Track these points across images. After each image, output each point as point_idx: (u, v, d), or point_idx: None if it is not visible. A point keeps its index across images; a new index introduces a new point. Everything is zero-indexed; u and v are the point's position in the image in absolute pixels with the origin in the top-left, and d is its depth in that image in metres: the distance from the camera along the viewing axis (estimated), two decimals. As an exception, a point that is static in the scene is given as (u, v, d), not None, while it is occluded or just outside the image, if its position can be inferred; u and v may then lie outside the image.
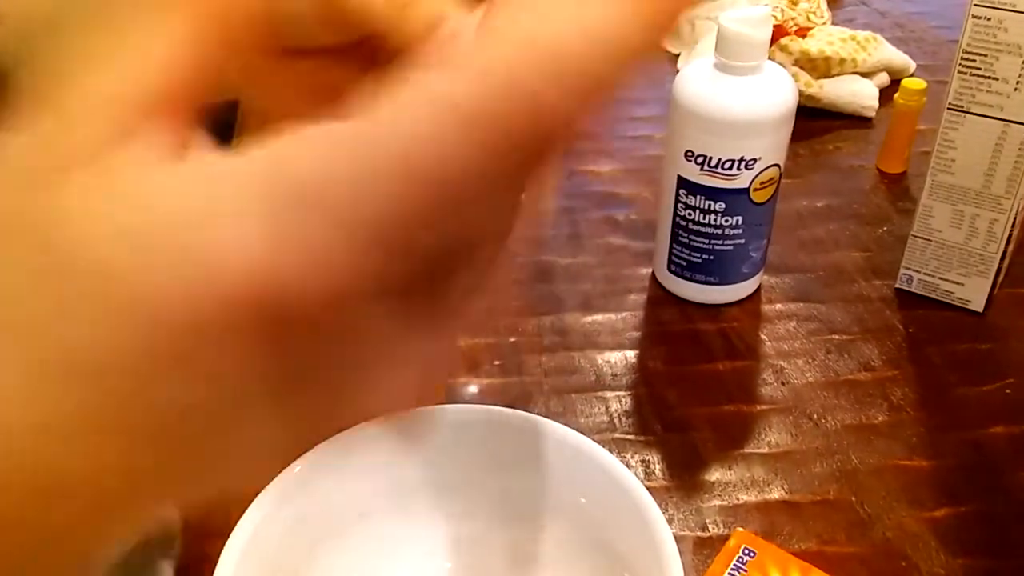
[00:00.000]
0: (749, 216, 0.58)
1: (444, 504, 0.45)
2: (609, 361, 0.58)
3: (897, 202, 0.73)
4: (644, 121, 0.85)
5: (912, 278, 0.63)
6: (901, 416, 0.54)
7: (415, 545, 0.44)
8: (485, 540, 0.44)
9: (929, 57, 0.94)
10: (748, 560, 0.42)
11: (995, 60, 0.53)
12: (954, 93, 0.55)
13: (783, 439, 0.52)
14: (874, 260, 0.67)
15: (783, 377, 0.57)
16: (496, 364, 0.57)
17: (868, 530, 0.47)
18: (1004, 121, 0.54)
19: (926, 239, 0.61)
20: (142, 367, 0.16)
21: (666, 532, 0.38)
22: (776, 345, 0.59)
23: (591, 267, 0.66)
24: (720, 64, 0.55)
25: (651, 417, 0.54)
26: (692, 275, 0.61)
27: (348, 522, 0.42)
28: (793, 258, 0.67)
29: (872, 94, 0.85)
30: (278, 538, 0.39)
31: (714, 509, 0.48)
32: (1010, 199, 0.56)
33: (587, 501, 0.42)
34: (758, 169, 0.56)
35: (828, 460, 0.51)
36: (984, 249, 0.59)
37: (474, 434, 0.44)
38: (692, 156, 0.56)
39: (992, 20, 0.52)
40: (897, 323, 0.61)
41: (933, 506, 0.48)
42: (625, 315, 0.62)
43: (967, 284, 0.61)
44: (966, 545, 0.46)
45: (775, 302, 0.63)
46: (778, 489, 0.49)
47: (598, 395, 0.55)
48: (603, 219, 0.71)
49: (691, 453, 0.51)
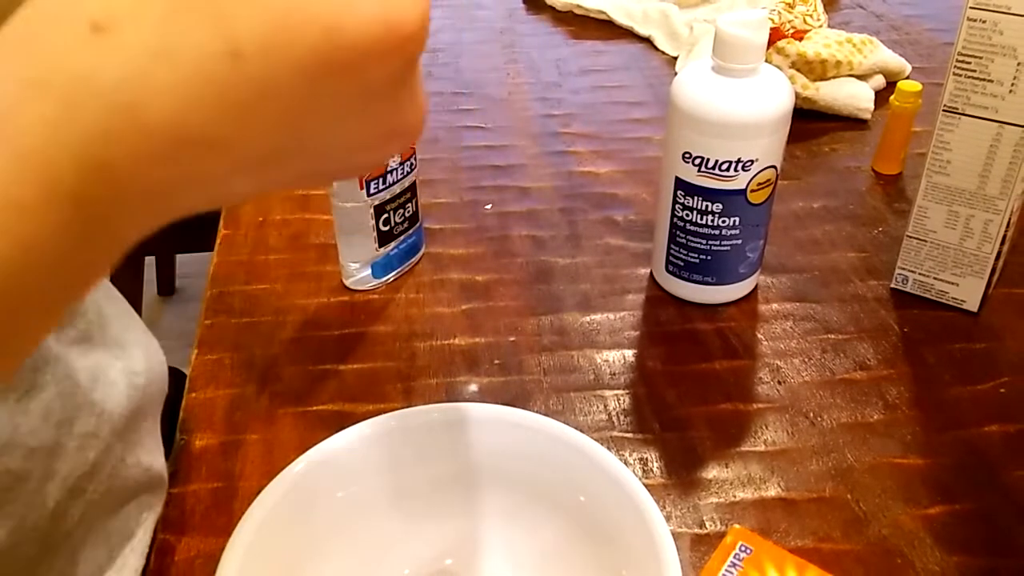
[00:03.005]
0: (746, 217, 0.58)
1: (444, 503, 0.45)
2: (608, 360, 0.58)
3: (893, 203, 0.74)
4: (642, 123, 0.85)
5: (907, 278, 0.63)
6: (896, 415, 0.54)
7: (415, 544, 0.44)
8: (485, 538, 0.45)
9: (925, 59, 0.95)
10: (745, 557, 0.43)
11: (990, 62, 0.53)
12: (949, 95, 0.56)
13: (780, 437, 0.53)
14: (870, 260, 0.67)
15: (780, 376, 0.57)
16: (496, 363, 0.58)
17: (864, 527, 0.48)
18: (999, 123, 0.55)
19: (921, 240, 0.61)
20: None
21: (664, 529, 0.38)
22: (773, 344, 0.60)
23: (590, 267, 0.66)
24: (717, 67, 0.55)
25: (649, 416, 0.54)
26: (690, 275, 0.61)
27: (348, 521, 0.43)
28: (790, 258, 0.67)
29: (868, 96, 0.86)
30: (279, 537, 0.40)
31: (711, 506, 0.49)
32: (1004, 200, 0.57)
33: (586, 498, 0.42)
34: (755, 171, 0.56)
35: (824, 458, 0.51)
36: (979, 250, 0.59)
37: (474, 433, 0.44)
38: (690, 158, 0.56)
39: (987, 23, 0.52)
40: (892, 323, 0.61)
41: (928, 504, 0.49)
42: (623, 315, 0.62)
43: (962, 284, 0.61)
44: (961, 543, 0.47)
45: (772, 302, 0.63)
46: (774, 487, 0.50)
47: (597, 394, 0.56)
48: (602, 220, 0.72)
49: (689, 451, 0.52)
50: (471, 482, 0.45)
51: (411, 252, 0.66)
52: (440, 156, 0.80)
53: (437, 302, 0.63)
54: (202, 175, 0.23)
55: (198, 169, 0.22)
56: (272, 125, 0.23)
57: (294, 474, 0.41)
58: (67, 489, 0.39)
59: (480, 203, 0.74)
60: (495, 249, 0.68)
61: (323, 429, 0.44)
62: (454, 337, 0.60)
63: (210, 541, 0.46)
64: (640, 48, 1.00)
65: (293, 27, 0.21)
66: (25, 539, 0.37)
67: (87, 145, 0.20)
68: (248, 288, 0.64)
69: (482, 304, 0.63)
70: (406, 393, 0.55)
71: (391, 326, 0.61)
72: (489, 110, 0.87)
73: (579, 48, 1.00)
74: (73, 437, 0.39)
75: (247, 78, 0.21)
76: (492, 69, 0.95)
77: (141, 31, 0.20)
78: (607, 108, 0.88)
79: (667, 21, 1.01)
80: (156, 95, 0.21)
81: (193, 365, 0.58)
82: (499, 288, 0.64)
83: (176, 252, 1.90)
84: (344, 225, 0.62)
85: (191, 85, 0.21)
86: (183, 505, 0.48)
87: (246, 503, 0.39)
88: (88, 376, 0.41)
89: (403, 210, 0.63)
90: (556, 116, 0.87)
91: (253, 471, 0.50)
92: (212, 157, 0.22)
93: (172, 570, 0.45)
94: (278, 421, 0.53)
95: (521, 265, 0.67)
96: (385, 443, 0.44)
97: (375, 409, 0.46)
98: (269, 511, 0.39)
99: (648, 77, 0.94)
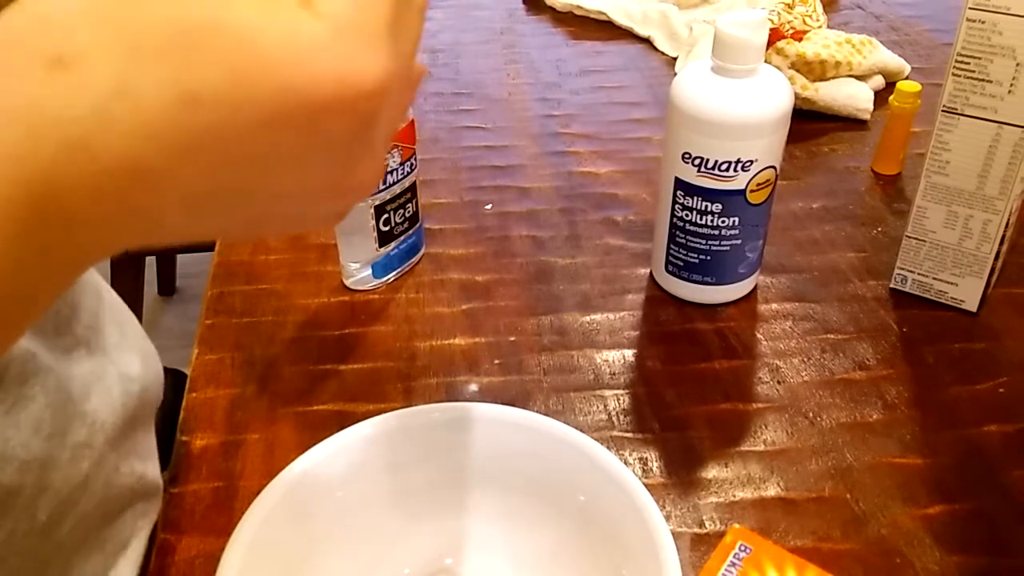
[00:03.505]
0: (745, 217, 0.58)
1: (444, 502, 0.45)
2: (607, 360, 0.58)
3: (892, 203, 0.74)
4: (642, 123, 0.85)
5: (907, 278, 0.63)
6: (896, 414, 0.54)
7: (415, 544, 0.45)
8: (485, 538, 0.45)
9: (924, 60, 0.95)
10: (744, 556, 0.43)
11: (989, 63, 0.53)
12: (948, 95, 0.56)
13: (779, 437, 0.53)
14: (869, 260, 0.67)
15: (779, 376, 0.57)
16: (496, 363, 0.58)
17: (863, 527, 0.48)
18: (998, 123, 0.55)
19: (920, 240, 0.61)
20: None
21: (664, 528, 0.39)
22: (772, 344, 0.60)
23: (590, 267, 0.67)
24: (717, 67, 0.55)
25: (649, 415, 0.54)
26: (689, 275, 0.61)
27: (348, 521, 0.43)
28: (789, 258, 0.67)
29: (867, 97, 0.86)
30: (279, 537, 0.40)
31: (711, 506, 0.49)
32: (1004, 200, 0.57)
33: (586, 498, 0.42)
34: (754, 171, 0.56)
35: (823, 458, 0.52)
36: (978, 250, 0.59)
37: (474, 432, 0.44)
38: (689, 158, 0.56)
39: (987, 23, 0.52)
40: (892, 323, 0.61)
41: (927, 503, 0.49)
42: (623, 315, 0.62)
43: (961, 284, 0.61)
44: (960, 542, 0.47)
45: (771, 302, 0.63)
46: (774, 486, 0.50)
47: (597, 394, 0.56)
48: (602, 220, 0.72)
49: (688, 451, 0.52)
50: (471, 482, 0.45)
51: (411, 252, 0.66)
52: (440, 156, 0.80)
53: (437, 302, 0.63)
54: (151, 213, 0.23)
55: (147, 207, 0.23)
56: (223, 171, 0.23)
57: (294, 474, 0.41)
58: (60, 501, 0.39)
59: (480, 203, 0.74)
60: (495, 249, 0.68)
61: (323, 429, 0.44)
62: (454, 337, 0.60)
63: (210, 541, 0.46)
64: (640, 49, 1.00)
65: (250, 79, 0.21)
66: (16, 552, 0.37)
67: (41, 176, 0.21)
68: (249, 288, 0.64)
69: (482, 304, 0.63)
70: (406, 393, 0.55)
71: (391, 326, 0.61)
72: (489, 110, 0.88)
73: (579, 48, 1.00)
74: (66, 448, 0.39)
75: (203, 124, 0.21)
76: (492, 69, 0.96)
77: (103, 69, 0.21)
78: (607, 108, 0.88)
79: (667, 22, 1.01)
80: (113, 134, 0.21)
81: (193, 365, 0.58)
82: (499, 288, 0.64)
83: (177, 252, 1.90)
84: (344, 225, 0.62)
85: (148, 127, 0.21)
86: (183, 505, 0.48)
87: (246, 503, 0.39)
88: (81, 385, 0.41)
89: (403, 210, 0.63)
90: (556, 116, 0.87)
91: (253, 471, 0.50)
92: (162, 197, 0.23)
93: (172, 570, 0.45)
94: (278, 421, 0.53)
95: (521, 265, 0.67)
96: (385, 443, 0.44)
97: (375, 409, 0.46)
98: (269, 511, 0.39)
99: (648, 77, 0.94)
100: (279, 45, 0.22)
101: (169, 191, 0.23)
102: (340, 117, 0.23)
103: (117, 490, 0.43)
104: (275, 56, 0.22)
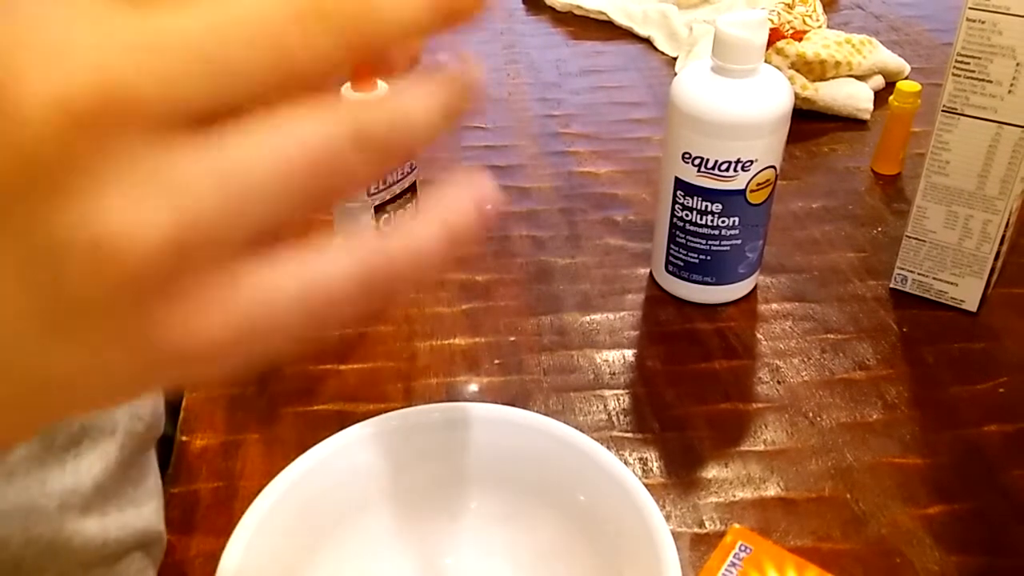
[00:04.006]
0: (745, 217, 0.58)
1: (444, 502, 0.45)
2: (607, 360, 0.58)
3: (892, 203, 0.74)
4: (642, 123, 0.85)
5: (906, 278, 0.63)
6: (896, 414, 0.54)
7: (415, 544, 0.45)
8: (485, 538, 0.45)
9: (924, 60, 0.95)
10: (744, 556, 0.43)
11: (989, 63, 0.53)
12: (948, 95, 0.56)
13: (779, 437, 0.53)
14: (869, 260, 0.67)
15: (779, 376, 0.57)
16: (496, 363, 0.58)
17: (863, 527, 0.48)
18: (997, 123, 0.55)
19: (920, 240, 0.61)
20: None
21: (664, 528, 0.39)
22: (772, 344, 0.60)
23: (590, 267, 0.67)
24: (717, 67, 0.55)
25: (649, 415, 0.54)
26: (689, 275, 0.61)
27: (348, 521, 0.43)
28: (789, 258, 0.67)
29: (867, 97, 0.86)
30: (279, 537, 0.40)
31: (711, 506, 0.49)
32: (1003, 200, 0.57)
33: (586, 498, 0.42)
34: (754, 171, 0.56)
35: (823, 458, 0.52)
36: (978, 250, 0.59)
37: (474, 432, 0.45)
38: (689, 158, 0.56)
39: (986, 23, 0.52)
40: (892, 323, 0.61)
41: (927, 503, 0.49)
42: (623, 315, 0.62)
43: (961, 284, 0.61)
44: (960, 542, 0.47)
45: (771, 302, 0.63)
46: (774, 486, 0.50)
47: (597, 394, 0.56)
48: (601, 220, 0.72)
49: (688, 451, 0.52)
50: (471, 482, 0.45)
51: (411, 252, 0.66)
52: (440, 156, 0.80)
53: (437, 302, 0.63)
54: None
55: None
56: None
57: (294, 474, 0.41)
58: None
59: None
60: (495, 249, 0.68)
61: (323, 429, 0.44)
62: (454, 337, 0.60)
63: (210, 541, 0.46)
64: (640, 49, 1.00)
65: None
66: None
67: None
68: (248, 288, 0.64)
69: (482, 304, 0.63)
70: (406, 393, 0.56)
71: (391, 326, 0.61)
72: (489, 110, 0.88)
73: (579, 48, 1.00)
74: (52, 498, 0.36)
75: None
76: (492, 69, 0.96)
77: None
78: (607, 108, 0.88)
79: (667, 22, 1.01)
80: None
81: (193, 365, 0.58)
82: (499, 288, 0.64)
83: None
84: (345, 225, 0.62)
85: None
86: (183, 505, 0.48)
87: (246, 503, 0.39)
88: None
89: (403, 210, 0.63)
90: (556, 116, 0.87)
91: (253, 471, 0.50)
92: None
93: (172, 570, 0.45)
94: (278, 421, 0.53)
95: (521, 265, 0.67)
96: (385, 443, 0.44)
97: (375, 409, 0.46)
98: (269, 511, 0.39)
99: (648, 77, 0.94)
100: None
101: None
102: (91, 281, 0.18)
103: (103, 547, 0.39)
104: None
